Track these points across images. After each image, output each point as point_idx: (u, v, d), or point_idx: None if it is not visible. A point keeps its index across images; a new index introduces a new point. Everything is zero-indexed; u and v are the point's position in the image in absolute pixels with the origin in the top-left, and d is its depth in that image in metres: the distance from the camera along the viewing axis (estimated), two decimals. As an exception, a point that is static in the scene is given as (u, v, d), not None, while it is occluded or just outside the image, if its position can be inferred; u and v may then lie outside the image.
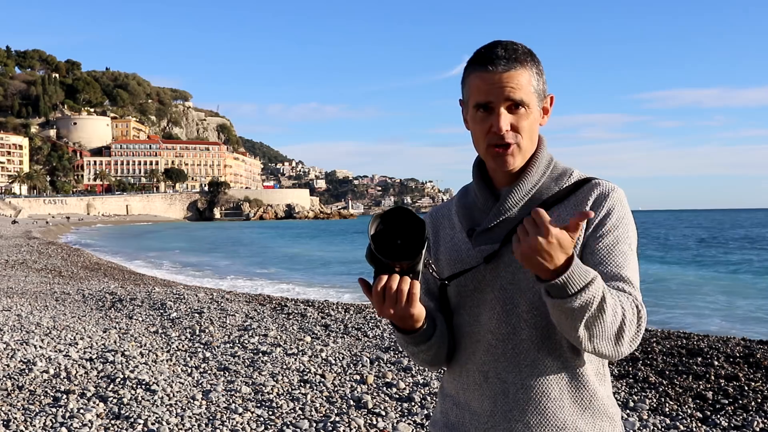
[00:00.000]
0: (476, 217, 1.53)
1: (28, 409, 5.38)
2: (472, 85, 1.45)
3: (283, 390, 6.01)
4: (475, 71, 1.44)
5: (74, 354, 7.41)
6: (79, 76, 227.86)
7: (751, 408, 5.40)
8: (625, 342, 1.33)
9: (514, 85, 1.41)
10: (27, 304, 11.89)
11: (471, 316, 1.50)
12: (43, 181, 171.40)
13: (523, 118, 1.43)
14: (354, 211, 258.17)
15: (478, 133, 1.46)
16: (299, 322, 10.07)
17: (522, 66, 1.42)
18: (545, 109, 1.51)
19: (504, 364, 1.45)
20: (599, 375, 1.48)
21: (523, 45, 1.46)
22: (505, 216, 1.48)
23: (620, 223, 1.44)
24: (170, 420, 5.09)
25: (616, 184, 1.49)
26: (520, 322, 1.44)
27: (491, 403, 1.46)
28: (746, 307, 15.03)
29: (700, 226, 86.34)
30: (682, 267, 26.75)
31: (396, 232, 1.28)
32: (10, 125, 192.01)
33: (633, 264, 1.42)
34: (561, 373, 1.44)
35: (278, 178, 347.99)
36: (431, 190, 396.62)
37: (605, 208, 1.44)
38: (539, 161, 1.50)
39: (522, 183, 1.48)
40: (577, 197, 1.47)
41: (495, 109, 1.42)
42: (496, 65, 1.41)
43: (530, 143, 1.47)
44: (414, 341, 1.46)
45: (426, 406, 5.50)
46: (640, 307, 1.36)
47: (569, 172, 1.52)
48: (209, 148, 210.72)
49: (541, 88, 1.47)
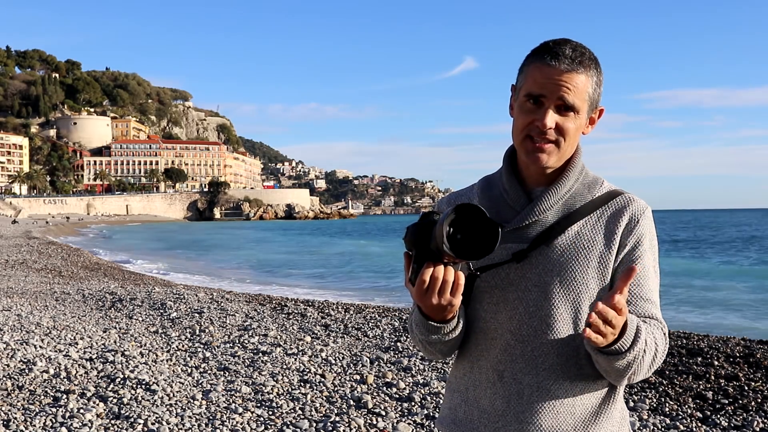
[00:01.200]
0: (503, 213, 1.51)
1: (28, 409, 5.37)
2: (529, 74, 1.43)
3: (283, 390, 6.01)
4: (537, 62, 1.43)
5: (74, 354, 7.41)
6: (79, 76, 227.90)
7: (751, 408, 5.40)
8: (652, 369, 1.43)
9: (571, 87, 1.40)
10: (27, 304, 11.89)
11: (488, 313, 1.48)
12: (43, 181, 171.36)
13: (570, 121, 1.43)
14: (354, 211, 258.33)
15: (521, 123, 1.45)
16: (299, 322, 10.06)
17: (585, 70, 1.42)
18: (592, 119, 1.50)
19: (521, 365, 1.45)
20: (613, 384, 1.50)
21: (591, 51, 1.45)
22: (538, 218, 1.47)
23: (651, 245, 1.49)
24: (170, 420, 5.09)
25: (644, 202, 1.51)
26: (542, 325, 1.43)
27: (504, 403, 1.45)
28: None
29: (708, 226, 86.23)
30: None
31: (466, 229, 1.26)
32: (10, 125, 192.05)
33: (657, 285, 1.50)
34: (577, 379, 1.44)
35: (278, 178, 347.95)
36: (431, 190, 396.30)
37: (639, 230, 1.47)
38: (575, 167, 1.50)
39: (557, 187, 1.48)
40: (608, 210, 1.48)
41: (545, 104, 1.41)
42: (559, 62, 1.40)
43: (570, 147, 1.46)
44: (442, 331, 1.44)
45: (426, 406, 5.50)
46: (665, 330, 1.46)
47: (600, 181, 1.53)
48: (209, 148, 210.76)
49: (595, 97, 1.46)
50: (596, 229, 1.46)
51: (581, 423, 1.44)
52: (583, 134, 1.50)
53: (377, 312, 11.30)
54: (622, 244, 1.45)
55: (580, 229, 1.46)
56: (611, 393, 1.48)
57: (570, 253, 1.44)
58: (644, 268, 1.45)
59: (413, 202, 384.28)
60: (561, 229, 1.46)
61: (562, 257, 1.44)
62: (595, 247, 1.44)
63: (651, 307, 1.44)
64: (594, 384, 1.45)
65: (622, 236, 1.45)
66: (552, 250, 1.45)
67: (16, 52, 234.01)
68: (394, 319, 10.22)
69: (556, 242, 1.45)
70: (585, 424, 1.44)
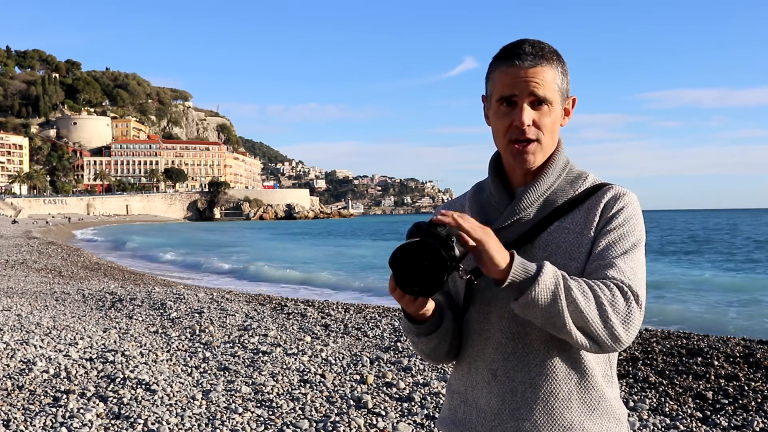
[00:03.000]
0: (490, 215, 1.54)
1: (28, 409, 5.37)
2: (496, 79, 1.46)
3: (283, 390, 6.01)
4: (501, 66, 1.45)
5: (74, 354, 7.41)
6: (79, 76, 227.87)
7: (751, 408, 5.40)
8: (615, 324, 1.33)
9: (539, 81, 1.42)
10: (27, 304, 11.89)
11: (480, 314, 1.51)
12: (43, 181, 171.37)
13: (546, 115, 1.44)
14: (354, 211, 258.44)
15: (500, 128, 1.47)
16: (299, 322, 10.07)
17: (548, 63, 1.44)
18: (567, 110, 1.52)
19: (513, 362, 1.46)
20: (606, 376, 1.50)
21: (549, 44, 1.48)
22: (519, 216, 1.49)
23: (627, 222, 1.45)
24: (170, 420, 5.09)
25: (629, 189, 1.50)
26: (530, 322, 1.44)
27: (499, 401, 1.47)
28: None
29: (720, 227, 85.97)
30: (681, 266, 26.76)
31: (416, 265, 1.27)
32: (10, 125, 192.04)
33: (633, 259, 1.42)
34: (569, 373, 1.45)
35: (278, 178, 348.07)
36: (431, 190, 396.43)
37: (615, 209, 1.46)
38: (556, 163, 1.51)
39: (537, 184, 1.49)
40: (590, 202, 1.48)
41: (518, 103, 1.43)
42: (522, 60, 1.42)
43: (551, 142, 1.48)
44: (418, 331, 1.49)
45: (426, 406, 5.50)
46: (622, 286, 1.36)
47: (584, 176, 1.53)
48: (209, 148, 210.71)
49: (564, 87, 1.48)
50: (576, 221, 1.47)
51: (576, 417, 1.44)
52: (561, 126, 1.51)
53: (377, 312, 11.30)
54: (598, 226, 1.45)
55: (561, 223, 1.47)
56: (606, 387, 1.48)
57: (552, 248, 1.46)
58: (619, 239, 1.42)
59: (413, 202, 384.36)
60: (543, 226, 1.47)
61: (545, 253, 1.46)
62: (576, 239, 1.46)
63: (610, 271, 1.38)
64: (587, 378, 1.46)
65: (599, 220, 1.46)
66: (535, 247, 1.47)
67: (16, 52, 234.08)
68: (394, 319, 10.23)
69: (538, 239, 1.47)
70: (580, 419, 1.44)
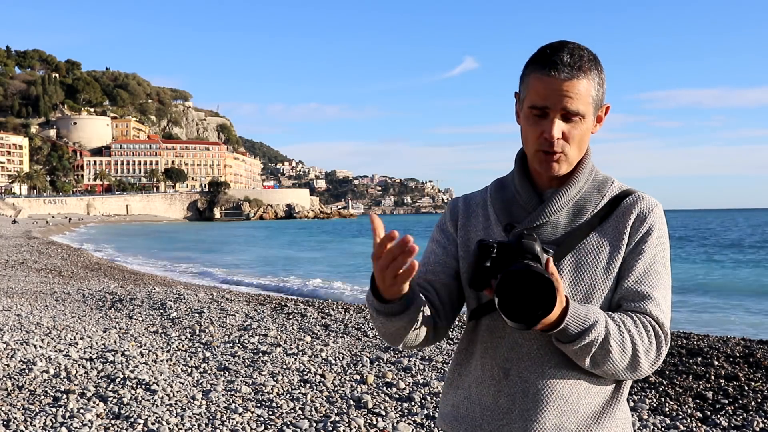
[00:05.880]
0: (515, 214, 1.53)
1: (28, 409, 5.37)
2: (531, 85, 1.44)
3: (283, 390, 6.01)
4: (537, 73, 1.43)
5: (74, 354, 7.41)
6: (79, 76, 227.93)
7: (751, 408, 5.40)
8: (643, 368, 1.40)
9: (573, 95, 1.40)
10: (27, 304, 11.88)
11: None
12: (43, 181, 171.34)
13: (576, 127, 1.44)
14: (354, 211, 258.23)
15: (530, 135, 1.46)
16: (299, 322, 10.07)
17: (585, 75, 1.42)
18: (599, 117, 1.51)
19: (527, 363, 1.45)
20: (618, 383, 1.50)
21: (589, 51, 1.45)
22: (549, 218, 1.49)
23: (659, 242, 1.47)
24: (170, 420, 5.09)
25: (656, 200, 1.51)
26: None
27: (509, 401, 1.46)
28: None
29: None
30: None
31: (524, 292, 1.26)
32: (10, 125, 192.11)
33: (664, 284, 1.46)
34: (582, 378, 1.45)
35: (278, 178, 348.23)
36: (431, 190, 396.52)
37: (647, 225, 1.47)
38: (584, 169, 1.52)
39: (567, 188, 1.49)
40: (618, 212, 1.49)
41: (550, 115, 1.42)
42: (559, 71, 1.40)
43: (578, 152, 1.48)
44: (383, 310, 1.39)
45: (426, 406, 5.50)
46: (658, 329, 1.41)
47: (610, 181, 1.54)
48: (209, 148, 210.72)
49: (599, 98, 1.46)
50: (608, 233, 1.48)
51: (585, 422, 1.44)
52: (592, 134, 1.51)
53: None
54: (630, 242, 1.47)
55: (593, 236, 1.48)
56: (616, 394, 1.48)
57: (580, 257, 1.47)
58: (647, 264, 1.45)
59: (413, 202, 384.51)
60: (576, 236, 1.48)
61: (573, 261, 1.47)
62: (604, 249, 1.47)
63: (647, 304, 1.42)
64: (599, 384, 1.46)
65: (629, 235, 1.47)
66: (567, 257, 1.48)
67: (16, 52, 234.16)
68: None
69: (572, 250, 1.48)
70: (588, 424, 1.44)
